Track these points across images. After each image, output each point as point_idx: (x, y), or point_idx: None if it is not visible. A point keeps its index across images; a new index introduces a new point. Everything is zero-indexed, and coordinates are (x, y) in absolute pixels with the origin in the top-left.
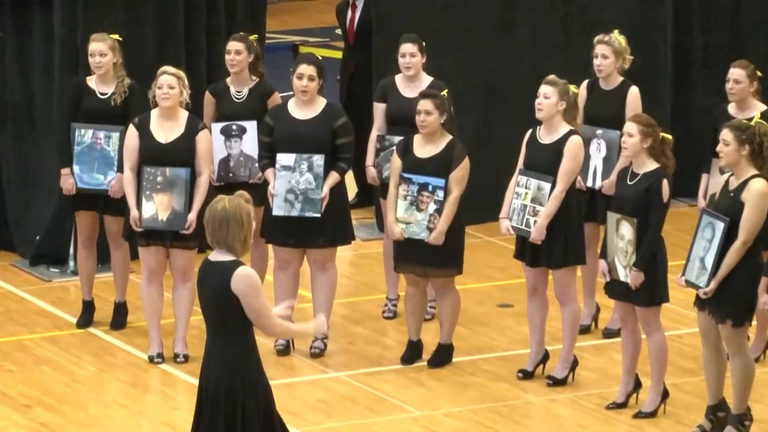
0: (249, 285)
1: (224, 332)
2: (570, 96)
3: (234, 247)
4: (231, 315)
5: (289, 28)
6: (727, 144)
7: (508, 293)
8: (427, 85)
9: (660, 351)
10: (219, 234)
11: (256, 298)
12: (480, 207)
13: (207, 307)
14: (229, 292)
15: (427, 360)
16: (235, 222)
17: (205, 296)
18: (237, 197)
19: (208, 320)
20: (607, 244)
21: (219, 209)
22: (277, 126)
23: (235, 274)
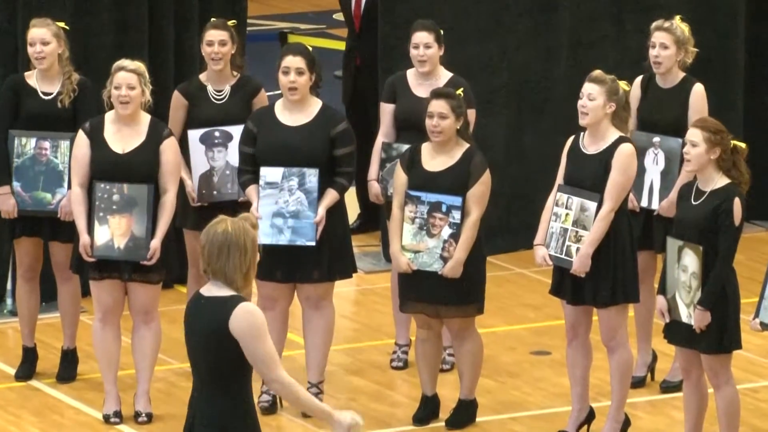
0: (252, 325)
1: (217, 383)
2: (620, 96)
3: (234, 279)
4: (227, 362)
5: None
6: None
7: (543, 338)
8: (446, 83)
9: (731, 408)
10: (217, 262)
11: (260, 342)
12: (510, 232)
13: (196, 352)
14: (226, 333)
15: (445, 420)
16: (237, 249)
17: (194, 338)
18: (241, 220)
19: (196, 368)
20: (667, 277)
21: (219, 232)
22: (261, 134)
23: (235, 311)
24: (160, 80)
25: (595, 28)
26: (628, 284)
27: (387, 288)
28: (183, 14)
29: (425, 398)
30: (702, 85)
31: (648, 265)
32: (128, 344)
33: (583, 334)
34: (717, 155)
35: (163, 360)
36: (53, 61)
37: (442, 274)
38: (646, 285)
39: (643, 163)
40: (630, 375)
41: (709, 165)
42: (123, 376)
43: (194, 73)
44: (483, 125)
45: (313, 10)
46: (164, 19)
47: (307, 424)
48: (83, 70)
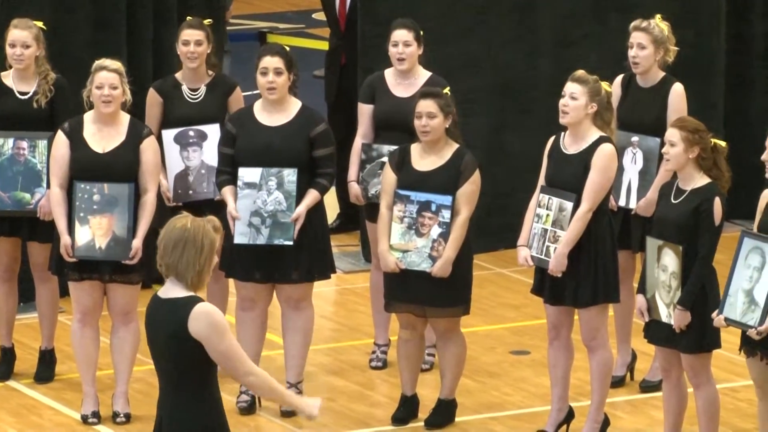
0: (211, 324)
1: (181, 385)
2: (602, 96)
3: (185, 276)
4: (189, 363)
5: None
6: None
7: (523, 337)
8: (425, 82)
9: (710, 407)
10: (170, 257)
11: (221, 340)
12: (491, 232)
13: (159, 355)
14: (186, 336)
15: (425, 420)
16: (193, 247)
17: (156, 342)
18: (205, 221)
19: (160, 371)
20: (646, 277)
21: (178, 227)
22: (240, 134)
23: (193, 313)
24: (138, 78)
25: (578, 27)
26: (609, 284)
27: (366, 288)
28: (161, 12)
29: (405, 398)
30: (681, 84)
31: (627, 265)
32: (107, 345)
33: (565, 334)
34: (696, 154)
35: (142, 360)
36: (31, 63)
37: (432, 274)
38: (625, 285)
39: (621, 163)
40: (610, 375)
41: (689, 164)
42: (101, 376)
43: (172, 71)
44: (464, 125)
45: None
46: (142, 17)
47: (286, 423)
48: (60, 68)
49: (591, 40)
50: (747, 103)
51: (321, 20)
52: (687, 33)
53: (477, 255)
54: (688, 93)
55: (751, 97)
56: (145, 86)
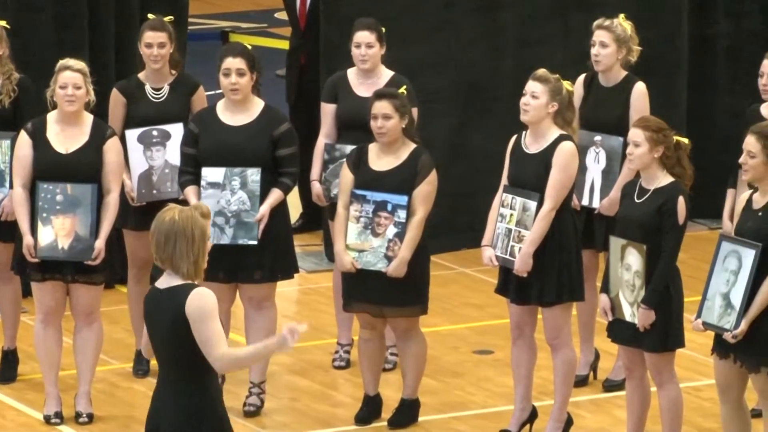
0: (201, 306)
1: (183, 373)
2: (564, 95)
3: (179, 267)
4: (189, 351)
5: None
6: (753, 155)
7: (487, 337)
8: (387, 82)
9: (673, 406)
10: (164, 251)
11: (207, 323)
12: (454, 231)
13: (161, 345)
14: (184, 320)
15: (388, 420)
16: (183, 238)
17: (158, 331)
18: (192, 209)
19: (162, 360)
20: (610, 276)
21: (166, 220)
22: (203, 134)
23: (190, 297)
24: (101, 78)
25: (541, 27)
26: (573, 283)
27: (329, 288)
28: (123, 12)
29: (368, 398)
30: (644, 83)
31: (590, 264)
32: (69, 345)
33: (528, 333)
34: (660, 153)
35: (104, 360)
36: None
37: (388, 274)
38: (588, 284)
39: (584, 162)
40: (573, 374)
41: (653, 163)
42: (64, 376)
43: (134, 71)
44: (427, 124)
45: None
46: (105, 16)
47: (249, 423)
48: (23, 68)
49: (554, 40)
50: (710, 102)
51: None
52: (650, 32)
53: (440, 255)
54: (651, 92)
55: (713, 97)
56: (108, 86)
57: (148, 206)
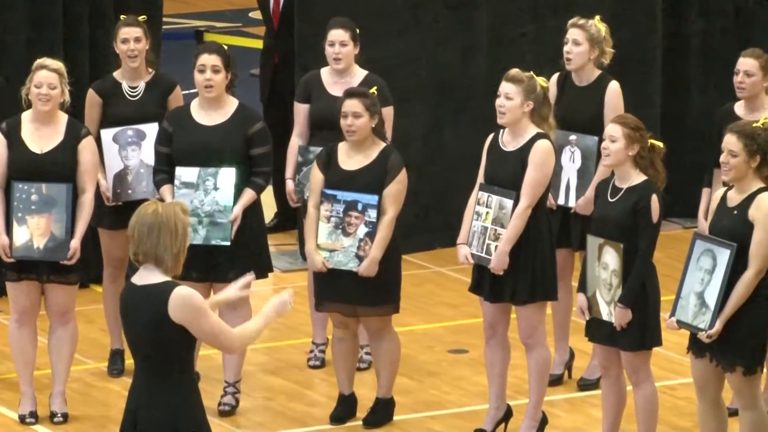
0: (193, 308)
1: (161, 370)
2: (538, 93)
3: (163, 259)
4: (169, 349)
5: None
6: (735, 155)
7: (461, 336)
8: (361, 81)
9: (649, 405)
10: (147, 243)
11: (204, 320)
12: (428, 230)
13: (138, 342)
14: (166, 321)
15: (363, 419)
16: (168, 230)
17: (134, 329)
18: (173, 204)
19: (139, 357)
20: (587, 275)
21: (150, 213)
22: (177, 133)
23: (172, 298)
24: (74, 78)
25: (514, 27)
26: (547, 281)
27: (304, 287)
28: (97, 11)
29: (342, 397)
30: (618, 82)
31: (566, 263)
32: (44, 345)
33: (502, 332)
34: (635, 152)
35: (80, 360)
36: None
37: (359, 273)
38: (564, 283)
39: (559, 161)
40: (548, 373)
41: (627, 161)
42: (39, 376)
43: (109, 70)
44: (401, 123)
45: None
46: (78, 16)
47: (224, 423)
48: None
49: (527, 40)
50: (684, 101)
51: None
52: (624, 31)
53: (415, 254)
54: (626, 92)
55: (688, 96)
56: (82, 86)
57: (123, 205)
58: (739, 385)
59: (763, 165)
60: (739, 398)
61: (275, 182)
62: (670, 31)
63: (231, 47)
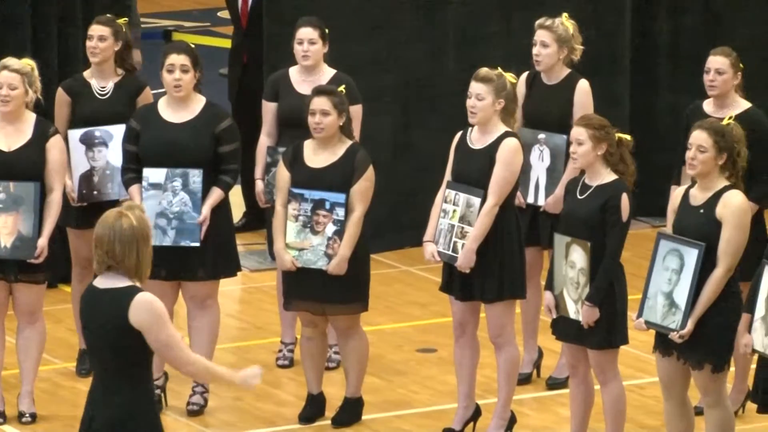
0: (152, 313)
1: (119, 375)
2: (508, 91)
3: (143, 271)
4: (128, 354)
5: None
6: (704, 150)
7: (430, 335)
8: (329, 80)
9: (617, 404)
10: (128, 258)
11: (162, 329)
12: (397, 229)
13: (97, 345)
14: (126, 325)
15: (332, 418)
16: (144, 241)
17: (94, 332)
18: (134, 209)
19: (97, 361)
20: (554, 273)
21: (126, 228)
22: (144, 132)
23: (134, 303)
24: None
25: (483, 26)
26: (515, 280)
27: (273, 286)
28: (66, 11)
29: (311, 397)
30: (587, 81)
31: (534, 262)
32: (12, 344)
33: (471, 332)
34: (604, 150)
35: (48, 360)
36: None
37: (328, 271)
38: (532, 281)
39: (528, 160)
40: (517, 372)
41: (597, 161)
42: (6, 376)
43: (78, 70)
44: (370, 122)
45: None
46: (47, 15)
47: (192, 422)
48: None
49: (496, 38)
50: (652, 100)
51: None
52: (592, 30)
53: (384, 253)
54: (594, 90)
55: (656, 94)
56: (52, 86)
57: (90, 205)
58: (706, 383)
59: (728, 163)
60: (706, 396)
61: (244, 182)
62: (638, 30)
63: (199, 47)
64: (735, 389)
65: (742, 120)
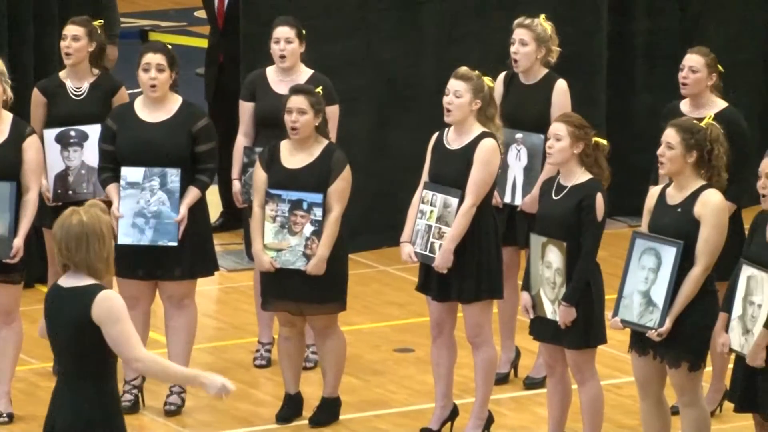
0: (111, 309)
1: (82, 375)
2: (486, 92)
3: (97, 267)
4: (92, 353)
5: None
6: (672, 147)
7: (407, 335)
8: (307, 80)
9: (594, 403)
10: (77, 254)
11: (119, 324)
12: (374, 229)
13: (61, 344)
14: (89, 322)
15: (309, 418)
16: (96, 238)
17: (58, 330)
18: (92, 207)
19: (61, 361)
20: (531, 273)
21: (75, 224)
22: (121, 131)
23: (96, 300)
24: (19, 78)
25: (460, 25)
26: (493, 280)
27: (250, 286)
28: (42, 12)
29: (288, 396)
30: (565, 81)
31: (511, 262)
32: None
33: (448, 332)
34: (580, 150)
35: (24, 360)
36: None
37: (307, 271)
38: (510, 281)
39: (506, 159)
40: (494, 372)
41: (572, 159)
42: None
43: (54, 70)
44: (346, 122)
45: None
46: (23, 15)
47: (169, 423)
48: None
49: (473, 38)
50: (629, 100)
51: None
52: (569, 30)
53: (361, 253)
54: (571, 90)
55: (632, 95)
56: (28, 86)
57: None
58: (682, 382)
59: (700, 162)
60: (682, 395)
61: (221, 182)
62: (615, 30)
63: (176, 47)
64: (712, 388)
65: (719, 119)
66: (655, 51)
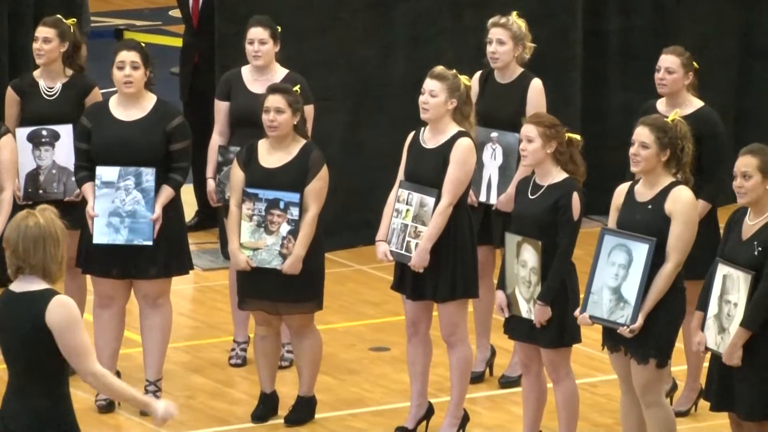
0: (67, 317)
1: (35, 382)
2: (462, 91)
3: (52, 270)
4: (45, 359)
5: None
6: (646, 146)
7: (382, 334)
8: (282, 79)
9: (569, 402)
10: (34, 257)
11: (74, 334)
12: (349, 228)
13: (13, 351)
14: (42, 328)
15: (285, 417)
16: (52, 240)
17: (9, 335)
18: (45, 210)
19: (13, 367)
20: (506, 272)
21: (32, 226)
22: (96, 130)
23: (50, 305)
24: None
25: (433, 24)
26: (468, 279)
27: (225, 285)
28: (17, 11)
29: (264, 395)
30: (540, 80)
31: (487, 261)
32: None
33: (424, 330)
34: (554, 149)
35: None
36: None
37: (283, 271)
38: (485, 280)
39: (481, 158)
40: (469, 371)
41: (546, 159)
42: None
43: (28, 69)
44: (321, 121)
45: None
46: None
47: (145, 422)
48: None
49: (446, 37)
50: (603, 99)
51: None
52: (543, 29)
53: (336, 252)
54: (545, 89)
55: (607, 93)
56: (2, 84)
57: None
58: (648, 379)
59: (672, 160)
60: (646, 395)
61: (196, 181)
62: (589, 29)
63: (151, 46)
64: (687, 387)
65: (695, 119)
66: (629, 50)
